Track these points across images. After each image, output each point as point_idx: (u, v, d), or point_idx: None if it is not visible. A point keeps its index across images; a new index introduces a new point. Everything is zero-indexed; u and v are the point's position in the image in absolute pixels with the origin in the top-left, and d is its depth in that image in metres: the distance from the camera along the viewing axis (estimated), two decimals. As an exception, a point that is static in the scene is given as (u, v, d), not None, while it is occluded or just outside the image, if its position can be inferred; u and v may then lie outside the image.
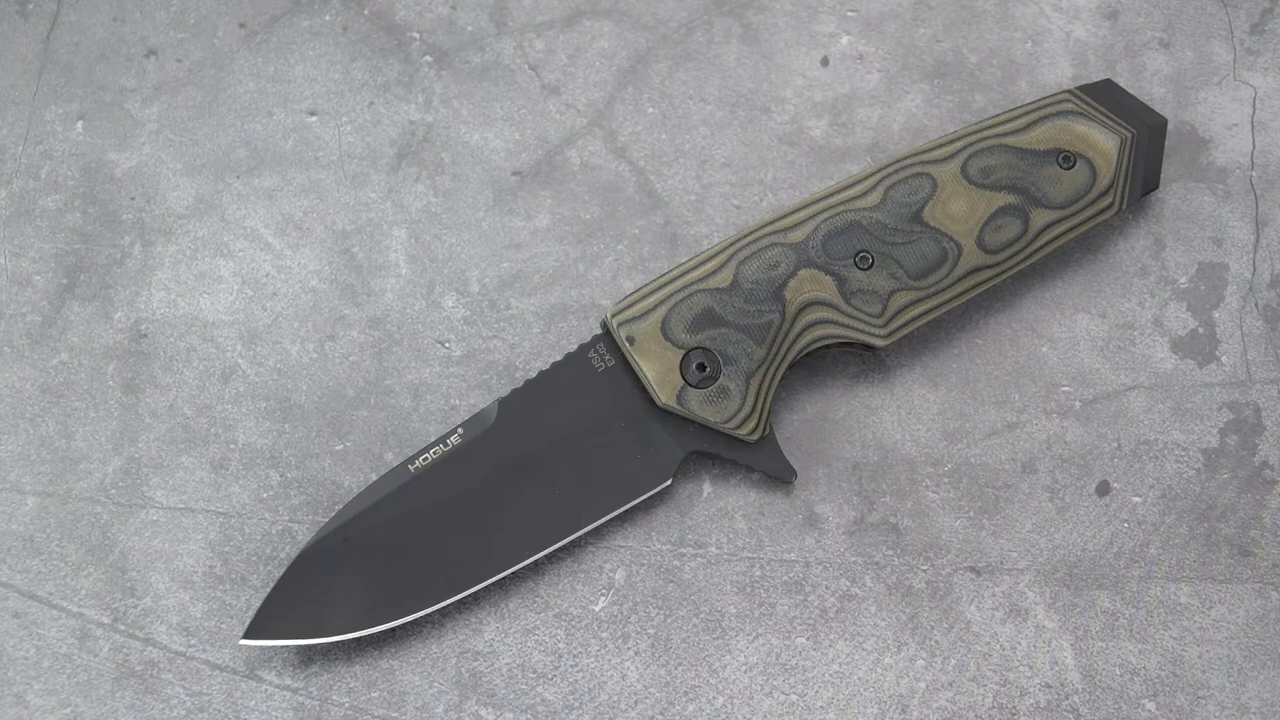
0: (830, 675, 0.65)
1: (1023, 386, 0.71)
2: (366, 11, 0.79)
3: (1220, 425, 0.70)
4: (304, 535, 0.68)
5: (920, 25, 0.78)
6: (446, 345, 0.72)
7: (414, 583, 0.65)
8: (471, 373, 0.71)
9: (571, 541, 0.67)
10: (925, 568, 0.67)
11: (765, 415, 0.67)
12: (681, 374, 0.66)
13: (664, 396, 0.66)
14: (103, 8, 0.79)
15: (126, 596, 0.67)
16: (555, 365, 0.68)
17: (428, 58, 0.78)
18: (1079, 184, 0.69)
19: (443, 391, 0.71)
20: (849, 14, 0.79)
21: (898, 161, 0.69)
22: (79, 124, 0.77)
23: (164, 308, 0.73)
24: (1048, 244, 0.70)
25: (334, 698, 0.65)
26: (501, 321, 0.72)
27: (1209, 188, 0.74)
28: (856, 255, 0.68)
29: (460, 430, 0.67)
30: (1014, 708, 0.65)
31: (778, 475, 0.68)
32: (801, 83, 0.77)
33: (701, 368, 0.66)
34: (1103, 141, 0.70)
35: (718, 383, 0.66)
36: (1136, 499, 0.68)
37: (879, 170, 0.69)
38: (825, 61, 0.78)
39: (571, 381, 0.68)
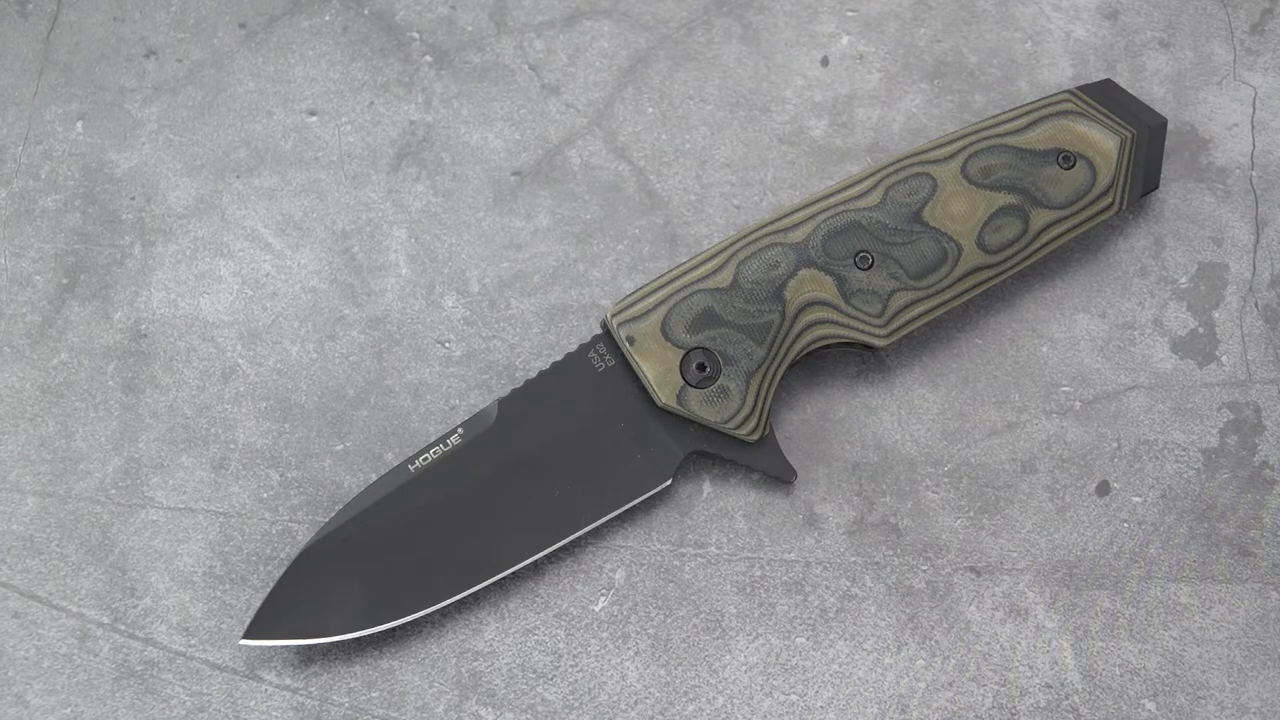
0: (830, 675, 0.65)
1: (1023, 386, 0.71)
2: (366, 11, 0.79)
3: (1220, 425, 0.70)
4: (304, 535, 0.68)
5: (920, 25, 0.78)
6: (446, 345, 0.72)
7: (414, 583, 0.65)
8: (471, 373, 0.71)
9: (571, 541, 0.67)
10: (925, 568, 0.67)
11: (765, 415, 0.67)
12: (681, 374, 0.66)
13: (664, 396, 0.66)
14: (103, 8, 0.79)
15: (126, 596, 0.67)
16: (555, 365, 0.68)
17: (428, 58, 0.78)
18: (1079, 184, 0.69)
19: (443, 391, 0.71)
20: (849, 14, 0.79)
21: (898, 161, 0.69)
22: (79, 124, 0.77)
23: (164, 308, 0.73)
24: (1048, 244, 0.70)
25: (334, 698, 0.65)
26: (501, 321, 0.72)
27: (1209, 188, 0.74)
28: (856, 255, 0.68)
29: (460, 430, 0.67)
30: (1014, 708, 0.65)
31: (778, 475, 0.68)
32: (801, 83, 0.77)
33: (701, 368, 0.66)
34: (1103, 141, 0.70)
35: (718, 383, 0.66)
36: (1136, 499, 0.68)
37: (879, 170, 0.69)
38: (825, 61, 0.78)
39: (571, 381, 0.68)
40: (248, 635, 0.64)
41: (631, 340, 0.67)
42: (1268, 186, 0.74)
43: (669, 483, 0.67)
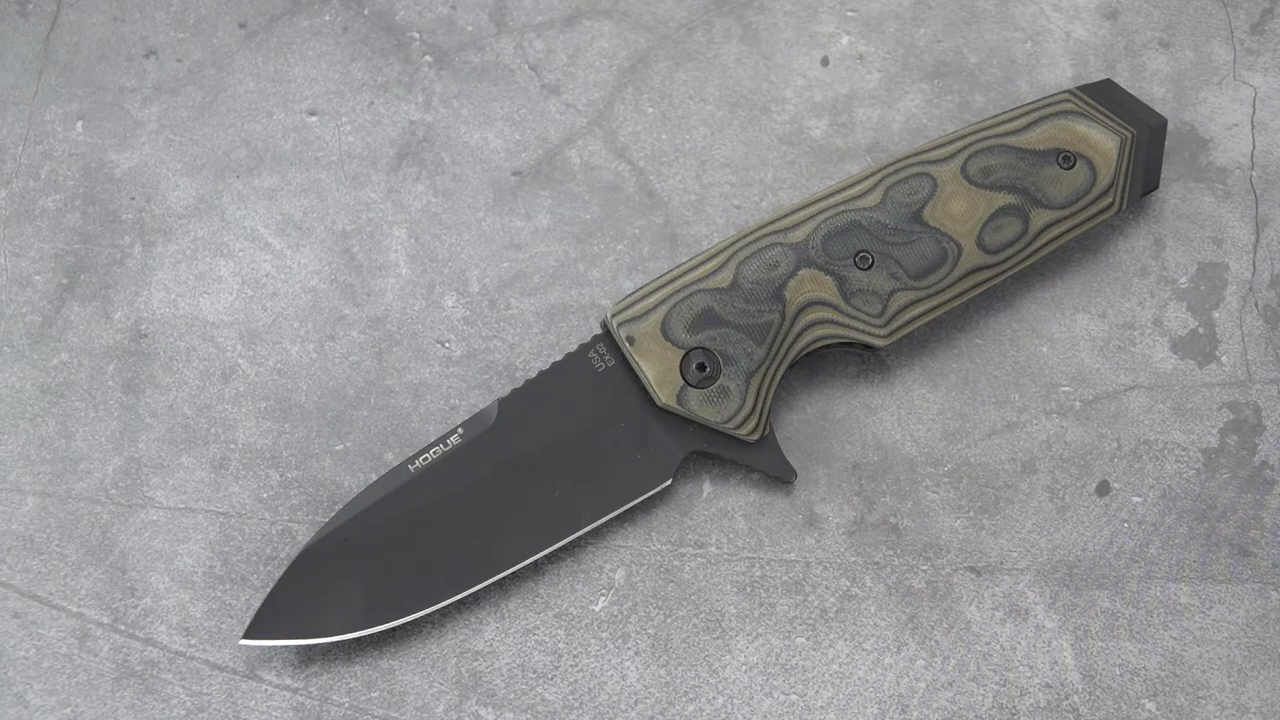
0: (830, 675, 0.65)
1: (1023, 386, 0.71)
2: (366, 11, 0.79)
3: (1220, 425, 0.70)
4: (304, 535, 0.68)
5: (920, 25, 0.78)
6: (446, 345, 0.72)
7: (414, 583, 0.65)
8: (471, 373, 0.71)
9: (571, 541, 0.67)
10: (925, 568, 0.67)
11: (765, 415, 0.67)
12: (681, 374, 0.66)
13: (664, 396, 0.66)
14: (103, 8, 0.79)
15: (126, 596, 0.67)
16: (555, 365, 0.68)
17: (428, 58, 0.78)
18: (1079, 184, 0.69)
19: (443, 391, 0.71)
20: (849, 14, 0.79)
21: (898, 161, 0.69)
22: (79, 124, 0.77)
23: (164, 308, 0.73)
24: (1048, 244, 0.70)
25: (334, 698, 0.65)
26: (501, 321, 0.72)
27: (1209, 188, 0.74)
28: (856, 255, 0.68)
29: (460, 430, 0.67)
30: (1014, 708, 0.65)
31: (778, 475, 0.68)
32: (801, 83, 0.77)
33: (701, 368, 0.66)
34: (1103, 141, 0.70)
35: (718, 383, 0.66)
36: (1136, 499, 0.68)
37: (879, 170, 0.69)
38: (825, 61, 0.78)
39: (571, 381, 0.68)
40: (248, 635, 0.64)
41: (631, 340, 0.67)
42: (1268, 186, 0.74)
43: (669, 483, 0.67)
